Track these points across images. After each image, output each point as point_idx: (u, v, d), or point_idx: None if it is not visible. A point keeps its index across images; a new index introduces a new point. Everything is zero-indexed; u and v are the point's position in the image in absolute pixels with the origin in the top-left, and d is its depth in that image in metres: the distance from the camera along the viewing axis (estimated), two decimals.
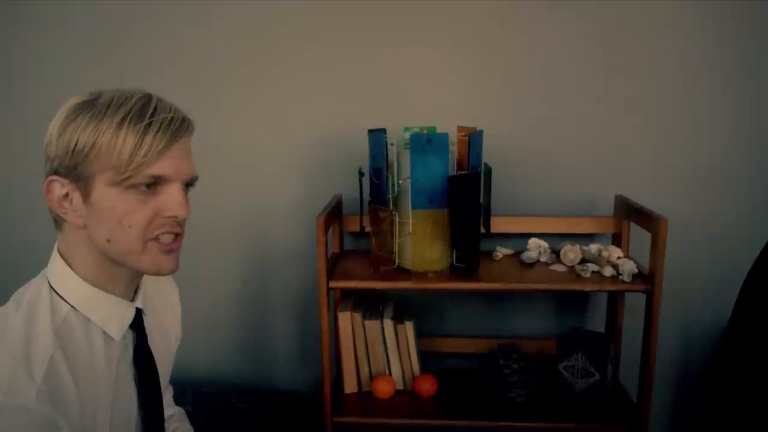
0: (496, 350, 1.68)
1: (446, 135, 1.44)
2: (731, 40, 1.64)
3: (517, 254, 1.65)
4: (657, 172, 1.72)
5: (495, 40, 1.68)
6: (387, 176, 1.46)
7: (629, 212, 1.60)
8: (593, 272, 1.50)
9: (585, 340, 1.57)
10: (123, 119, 0.79)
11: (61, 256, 0.86)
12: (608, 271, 1.48)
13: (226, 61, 1.74)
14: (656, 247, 1.40)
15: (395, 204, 1.49)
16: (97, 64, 1.76)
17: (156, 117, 0.80)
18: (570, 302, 1.81)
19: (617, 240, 1.67)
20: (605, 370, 1.54)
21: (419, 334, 1.71)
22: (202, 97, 1.75)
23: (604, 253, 1.55)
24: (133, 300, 0.92)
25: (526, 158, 1.72)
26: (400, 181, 1.48)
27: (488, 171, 1.54)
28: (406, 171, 1.46)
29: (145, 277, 0.95)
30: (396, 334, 1.65)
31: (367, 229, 1.57)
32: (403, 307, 1.72)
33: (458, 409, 1.58)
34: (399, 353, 1.66)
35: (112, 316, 0.88)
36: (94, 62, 1.76)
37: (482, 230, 1.53)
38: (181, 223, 0.87)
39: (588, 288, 1.46)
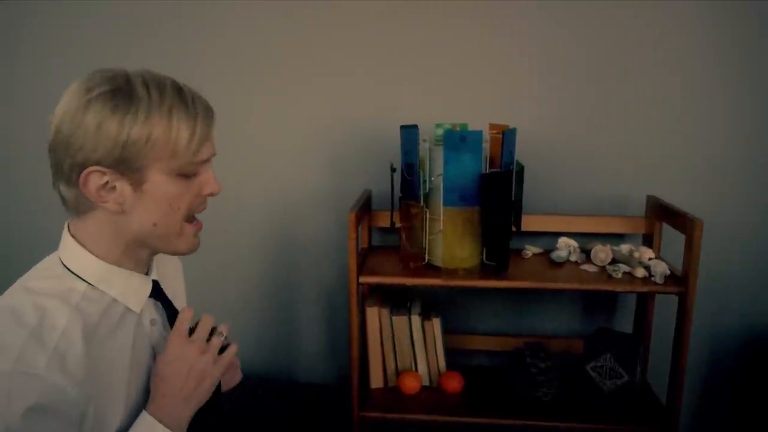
0: (523, 348, 1.67)
1: (480, 132, 1.43)
2: None
3: (547, 253, 1.64)
4: (688, 172, 1.70)
5: (528, 38, 1.67)
6: (419, 172, 1.46)
7: (661, 213, 1.58)
8: (624, 273, 1.49)
9: (614, 340, 1.56)
10: (170, 110, 0.81)
11: (75, 238, 0.87)
12: (640, 272, 1.47)
13: (256, 55, 1.74)
14: (691, 248, 1.39)
15: (426, 200, 1.49)
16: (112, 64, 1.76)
17: (198, 105, 0.84)
18: (598, 302, 1.80)
19: (648, 240, 1.65)
20: (634, 371, 1.53)
21: (446, 331, 1.71)
22: (233, 92, 1.76)
23: (636, 254, 1.54)
24: (147, 274, 0.94)
25: (556, 157, 1.71)
26: (432, 178, 1.48)
27: (520, 169, 1.53)
28: (438, 167, 1.46)
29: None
30: (423, 330, 1.65)
31: (398, 225, 1.57)
32: (430, 304, 1.73)
33: (484, 407, 1.58)
34: (426, 349, 1.66)
35: (130, 289, 0.90)
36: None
37: (513, 228, 1.52)
38: None
39: (620, 289, 1.45)
